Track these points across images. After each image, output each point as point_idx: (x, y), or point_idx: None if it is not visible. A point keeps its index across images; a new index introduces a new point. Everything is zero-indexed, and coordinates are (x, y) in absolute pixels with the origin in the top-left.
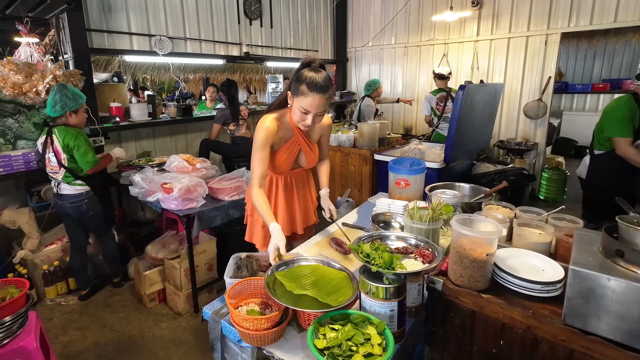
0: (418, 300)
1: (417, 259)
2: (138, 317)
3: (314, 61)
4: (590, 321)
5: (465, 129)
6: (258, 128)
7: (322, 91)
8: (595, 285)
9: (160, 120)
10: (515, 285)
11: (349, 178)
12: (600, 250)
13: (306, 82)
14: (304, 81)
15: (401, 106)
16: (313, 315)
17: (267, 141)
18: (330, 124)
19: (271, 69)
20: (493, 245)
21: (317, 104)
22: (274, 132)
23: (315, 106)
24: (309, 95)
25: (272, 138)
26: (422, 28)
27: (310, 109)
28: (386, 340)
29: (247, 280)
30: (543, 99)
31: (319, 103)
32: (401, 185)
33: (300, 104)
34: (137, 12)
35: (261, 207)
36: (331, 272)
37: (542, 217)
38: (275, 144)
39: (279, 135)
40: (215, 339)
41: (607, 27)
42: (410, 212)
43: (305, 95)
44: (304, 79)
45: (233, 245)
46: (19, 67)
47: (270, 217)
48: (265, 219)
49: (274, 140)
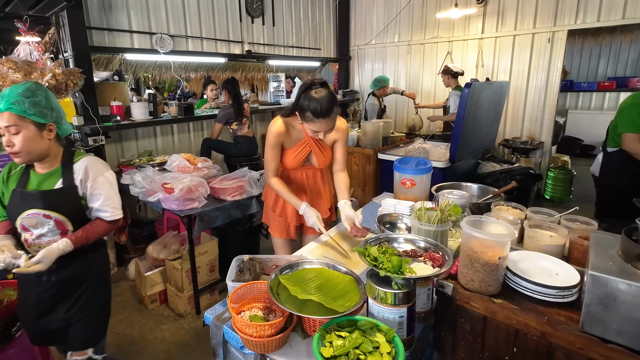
0: (427, 305)
1: (427, 262)
2: (139, 319)
3: (314, 83)
4: (609, 329)
5: (471, 128)
6: (268, 129)
7: (327, 115)
8: (615, 291)
9: (162, 119)
10: (528, 289)
11: (353, 177)
12: (620, 254)
13: (310, 110)
14: (307, 109)
15: (405, 105)
16: (319, 321)
17: (277, 141)
18: (346, 129)
19: (273, 68)
20: (505, 248)
21: (325, 127)
22: (282, 133)
23: (323, 128)
24: (316, 122)
25: (281, 138)
26: (425, 25)
27: (319, 130)
28: (396, 348)
29: (249, 285)
30: (549, 97)
31: (326, 126)
32: (407, 185)
33: (309, 127)
34: (138, 9)
35: (285, 193)
36: (337, 276)
37: (554, 218)
38: (285, 143)
39: (290, 135)
40: (217, 344)
41: (615, 24)
42: (417, 213)
43: (312, 121)
44: (307, 107)
45: (235, 245)
46: (18, 65)
47: (296, 199)
48: (293, 203)
49: (284, 140)
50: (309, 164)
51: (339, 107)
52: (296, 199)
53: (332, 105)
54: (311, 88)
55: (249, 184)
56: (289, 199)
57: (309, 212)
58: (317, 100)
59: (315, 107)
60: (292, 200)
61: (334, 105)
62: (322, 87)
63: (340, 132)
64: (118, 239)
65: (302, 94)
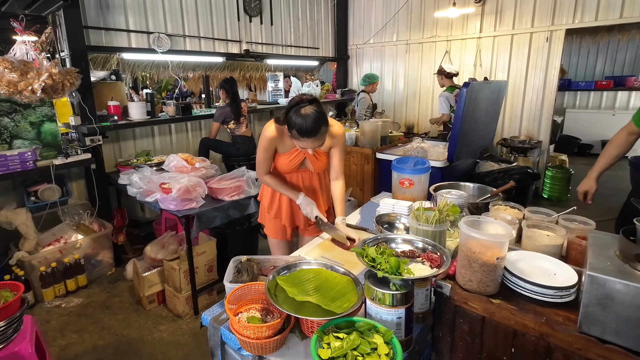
0: (425, 306)
1: (425, 263)
2: (137, 319)
3: (303, 100)
4: (608, 329)
5: (470, 127)
6: (262, 132)
7: (313, 135)
8: (613, 291)
9: (159, 119)
10: (526, 290)
11: (351, 177)
12: (618, 255)
13: (296, 129)
14: (294, 127)
15: (403, 104)
16: (317, 322)
17: (270, 145)
18: (342, 134)
19: (271, 67)
20: (504, 248)
21: (312, 144)
22: (275, 138)
23: (309, 146)
24: (302, 140)
25: (273, 143)
26: (424, 25)
27: (306, 147)
28: (394, 350)
29: (247, 286)
30: (547, 96)
31: (312, 144)
32: (405, 185)
33: (297, 144)
34: (135, 9)
35: (280, 186)
36: (335, 277)
37: (552, 218)
38: (279, 148)
39: (284, 141)
40: (215, 345)
41: (613, 22)
42: (416, 213)
43: (299, 139)
44: (294, 125)
45: (233, 246)
46: (13, 64)
47: (292, 191)
48: (290, 196)
49: (277, 145)
50: (304, 167)
51: (327, 125)
52: (292, 190)
53: (320, 124)
54: (299, 105)
55: (247, 183)
56: (285, 192)
57: (305, 201)
58: (304, 118)
59: (301, 126)
60: (287, 193)
61: (321, 125)
62: (311, 104)
63: (336, 138)
64: (116, 239)
65: (291, 110)
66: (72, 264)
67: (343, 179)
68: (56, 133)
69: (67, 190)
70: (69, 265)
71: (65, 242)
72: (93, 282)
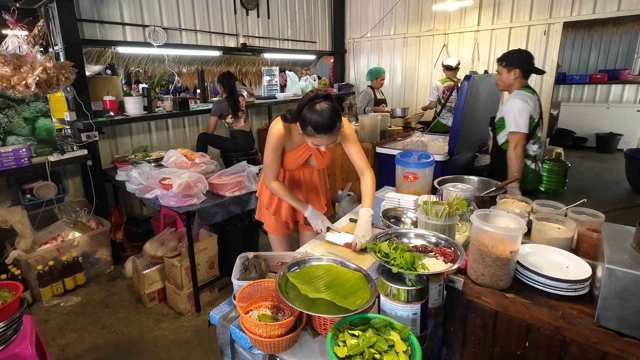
0: (439, 301)
1: (438, 257)
2: (138, 318)
3: (318, 96)
4: (626, 322)
5: (470, 120)
6: (269, 131)
7: (329, 131)
8: (632, 284)
9: (156, 114)
10: (540, 283)
11: (350, 171)
12: (634, 247)
13: (312, 125)
14: (309, 124)
15: (400, 98)
16: (329, 319)
17: (279, 144)
18: (351, 132)
19: (268, 61)
20: (517, 242)
21: (327, 141)
22: (283, 135)
23: (324, 142)
24: (317, 137)
25: (282, 141)
26: (421, 18)
27: (320, 144)
28: (412, 347)
29: (256, 283)
30: (544, 89)
31: (327, 140)
32: (409, 179)
33: (311, 141)
34: (130, 1)
35: (288, 196)
36: (346, 273)
37: (561, 211)
38: (286, 146)
39: (292, 139)
40: (224, 344)
41: (611, 15)
42: (424, 207)
43: (314, 136)
44: (309, 121)
45: (234, 242)
46: (6, 58)
47: (301, 204)
48: (298, 207)
49: (285, 143)
50: (307, 164)
51: (341, 121)
52: (300, 202)
53: (335, 120)
54: (314, 101)
55: (248, 179)
56: (293, 203)
57: (313, 214)
58: (320, 114)
59: (317, 122)
60: (295, 204)
61: (337, 121)
62: (325, 100)
63: (343, 135)
64: (114, 237)
65: (305, 106)
66: (69, 262)
67: (370, 172)
68: (51, 129)
69: (63, 187)
70: (67, 263)
71: (62, 240)
72: (91, 280)
